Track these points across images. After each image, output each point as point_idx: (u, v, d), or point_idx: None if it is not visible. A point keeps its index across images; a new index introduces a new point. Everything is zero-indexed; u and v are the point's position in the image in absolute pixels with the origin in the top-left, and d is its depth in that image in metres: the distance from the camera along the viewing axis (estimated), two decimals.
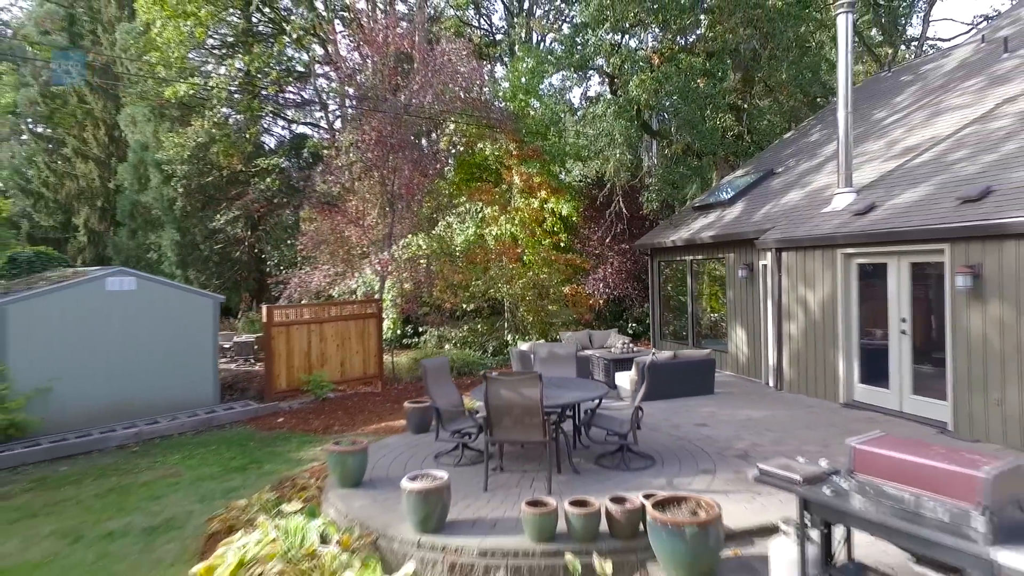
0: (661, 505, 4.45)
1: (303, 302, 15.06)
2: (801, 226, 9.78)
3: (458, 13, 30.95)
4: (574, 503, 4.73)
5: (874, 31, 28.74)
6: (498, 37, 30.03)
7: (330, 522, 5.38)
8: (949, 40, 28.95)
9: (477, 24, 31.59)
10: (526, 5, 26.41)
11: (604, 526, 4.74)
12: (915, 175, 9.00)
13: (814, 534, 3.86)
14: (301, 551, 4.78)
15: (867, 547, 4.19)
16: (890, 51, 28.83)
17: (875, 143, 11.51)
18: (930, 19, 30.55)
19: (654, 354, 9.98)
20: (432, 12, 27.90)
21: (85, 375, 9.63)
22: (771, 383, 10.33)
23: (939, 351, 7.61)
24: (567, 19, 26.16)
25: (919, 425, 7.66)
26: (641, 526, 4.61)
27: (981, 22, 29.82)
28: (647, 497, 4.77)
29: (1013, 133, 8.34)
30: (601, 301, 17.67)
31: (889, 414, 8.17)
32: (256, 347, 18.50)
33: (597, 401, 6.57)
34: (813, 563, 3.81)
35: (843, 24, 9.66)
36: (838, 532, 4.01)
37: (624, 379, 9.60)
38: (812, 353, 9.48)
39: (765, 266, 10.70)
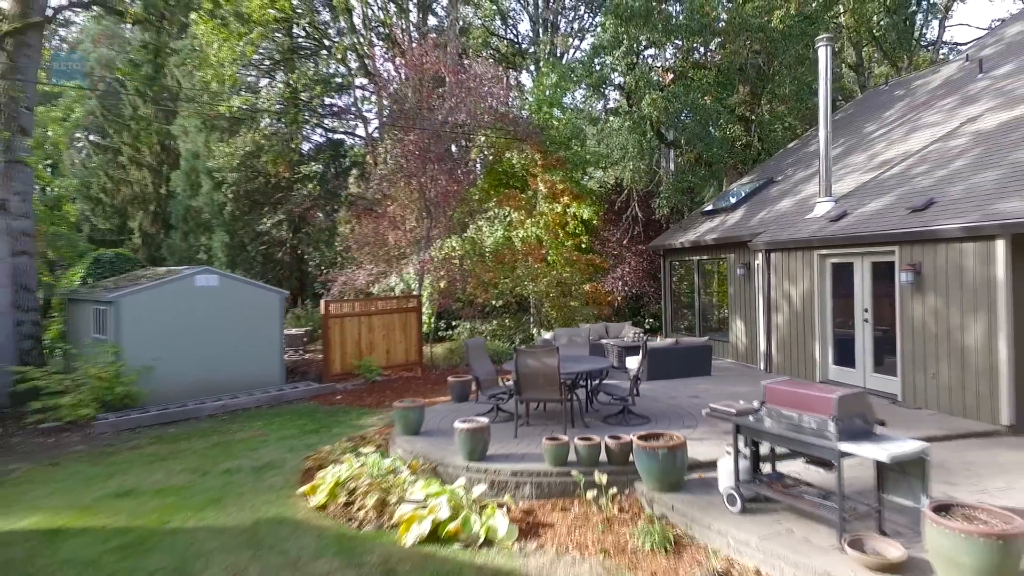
0: (644, 438, 6.23)
1: (345, 298, 17.04)
2: (786, 230, 11.43)
3: (486, 23, 32.90)
4: (582, 439, 6.54)
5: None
6: (524, 43, 31.88)
7: (398, 458, 7.27)
8: (966, 45, 29.95)
9: (504, 33, 33.50)
10: (550, 17, 28.23)
11: (604, 457, 6.54)
12: (883, 187, 10.60)
13: (747, 452, 5.63)
14: (382, 472, 6.66)
15: (784, 466, 5.93)
16: (906, 56, 29.99)
17: (860, 156, 13.08)
18: (946, 24, 31.63)
19: (658, 341, 11.71)
20: (461, 23, 29.89)
21: (178, 357, 11.68)
22: (763, 367, 11.99)
23: (892, 336, 9.24)
24: (590, 29, 27.88)
25: (876, 398, 9.28)
26: (631, 457, 6.39)
27: (998, 26, 30.74)
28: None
29: (965, 151, 9.92)
30: (620, 298, 19.38)
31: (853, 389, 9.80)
32: (305, 339, 20.62)
33: (605, 372, 8.36)
34: (744, 471, 5.57)
35: (823, 56, 11.27)
36: (764, 450, 5.78)
37: (633, 362, 11.31)
38: (795, 340, 11.13)
39: (759, 265, 12.35)
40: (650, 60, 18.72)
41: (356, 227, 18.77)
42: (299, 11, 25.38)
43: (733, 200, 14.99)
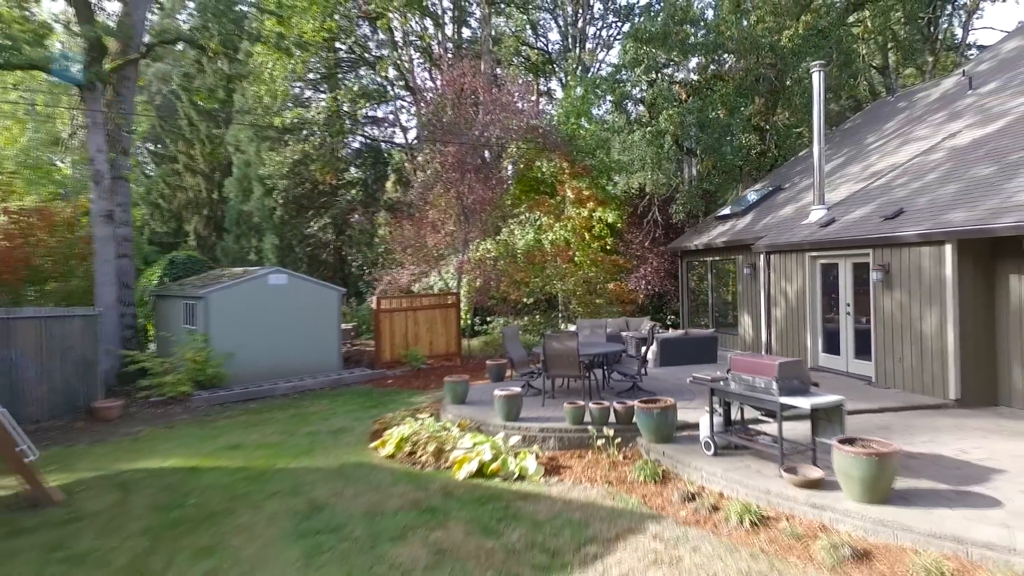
0: (644, 402, 8.02)
1: (387, 295, 19.07)
2: (784, 235, 13.06)
3: (517, 31, 34.76)
4: (595, 403, 8.36)
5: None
6: (554, 50, 33.61)
7: (448, 421, 9.19)
8: (990, 47, 30.76)
9: (535, 42, 35.31)
10: (580, 25, 29.99)
11: (612, 418, 8.35)
12: (868, 196, 12.18)
13: (720, 410, 7.40)
14: (437, 429, 8.58)
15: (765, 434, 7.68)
16: (931, 59, 30.98)
17: (856, 166, 14.61)
18: (970, 28, 32.48)
19: (669, 333, 13.44)
20: (493, 33, 31.82)
21: (254, 345, 13.79)
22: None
23: (868, 326, 10.84)
24: (618, 37, 29.54)
25: (856, 380, 10.89)
26: (634, 418, 8.17)
27: (997, 41, 31.54)
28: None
29: (939, 165, 11.45)
30: (642, 296, 21.07)
31: (839, 374, 11.42)
32: (352, 334, 22.73)
33: (618, 355, 10.15)
34: (718, 425, 7.34)
35: (816, 79, 12.87)
36: (735, 408, 7.54)
37: (643, 347, 13.08)
38: (791, 332, 12.76)
39: (761, 265, 13.97)
40: (669, 75, 20.38)
41: (397, 230, 20.80)
42: (343, 29, 27.62)
43: (743, 206, 16.60)
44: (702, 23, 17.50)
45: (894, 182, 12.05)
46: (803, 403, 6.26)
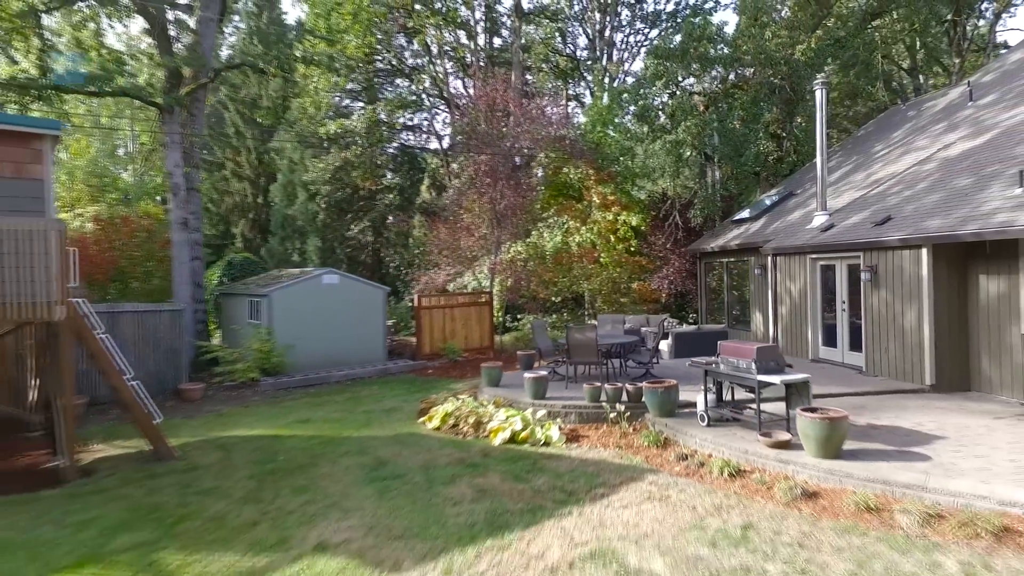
0: (651, 384, 9.56)
1: (429, 294, 20.83)
2: (789, 238, 14.43)
3: (547, 38, 36.30)
4: (610, 385, 9.94)
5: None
6: (583, 54, 35.09)
7: (484, 400, 10.85)
8: (998, 58, 31.41)
9: (563, 48, 36.82)
10: (607, 33, 31.47)
11: (625, 397, 9.91)
12: (866, 203, 13.49)
13: (714, 388, 8.93)
14: (475, 407, 10.24)
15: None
16: (958, 61, 31.70)
17: (861, 174, 15.89)
18: (996, 30, 33.04)
19: (683, 327, 14.90)
20: (523, 40, 33.48)
21: (310, 339, 15.64)
22: None
23: (860, 322, 12.20)
24: (644, 43, 30.92)
25: (849, 370, 12.25)
26: (643, 398, 9.72)
27: (1003, 53, 32.08)
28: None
29: (929, 175, 12.73)
30: (665, 295, 22.49)
31: (835, 364, 12.78)
32: (392, 330, 24.58)
33: (633, 345, 11.69)
34: (711, 401, 8.87)
35: (819, 95, 14.20)
36: (726, 389, 9.06)
37: (663, 344, 14.59)
38: (794, 327, 14.14)
39: (769, 266, 15.35)
40: (689, 87, 21.77)
41: (434, 234, 22.57)
42: (382, 43, 29.57)
43: (758, 210, 17.95)
44: (719, 39, 18.86)
45: (890, 190, 13.35)
46: (776, 379, 7.77)
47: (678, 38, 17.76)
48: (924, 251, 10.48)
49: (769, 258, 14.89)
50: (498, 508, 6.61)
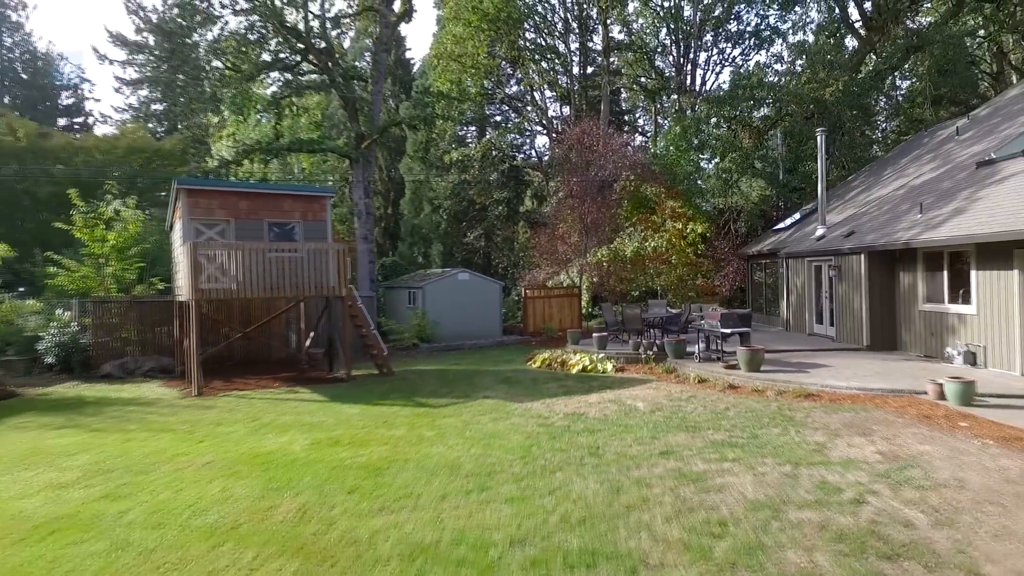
0: (670, 338, 16.16)
1: (530, 287, 27.91)
2: (797, 246, 20.38)
3: (636, 59, 42.41)
4: (646, 340, 16.64)
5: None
6: (669, 72, 41.06)
7: (569, 350, 17.84)
8: (997, 96, 34.33)
9: (650, 70, 42.93)
10: (691, 55, 37.48)
11: (654, 349, 16.57)
12: (852, 220, 19.25)
13: (703, 339, 15.49)
14: (562, 355, 17.22)
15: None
16: None
17: (865, 195, 21.49)
18: None
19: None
20: (615, 63, 40.02)
21: (449, 318, 23.10)
22: (782, 328, 20.96)
23: (833, 306, 18.09)
24: (727, 62, 36.65)
25: (827, 339, 18.15)
26: (666, 348, 16.31)
27: (1004, 90, 34.78)
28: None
29: (893, 200, 18.39)
30: (725, 290, 28.47)
31: (821, 337, 18.69)
32: (504, 318, 31.90)
33: (670, 319, 18.23)
34: (702, 349, 15.42)
35: (820, 140, 20.01)
36: (713, 342, 15.62)
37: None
38: (799, 310, 20.08)
39: (785, 266, 21.27)
40: (738, 121, 27.68)
41: (535, 240, 29.64)
42: (494, 83, 37.14)
43: (791, 221, 23.76)
44: (763, 84, 24.72)
45: (870, 210, 19.07)
46: (730, 331, 14.25)
47: (727, 86, 23.73)
48: (863, 256, 16.41)
49: (783, 260, 20.90)
50: (570, 390, 13.59)
